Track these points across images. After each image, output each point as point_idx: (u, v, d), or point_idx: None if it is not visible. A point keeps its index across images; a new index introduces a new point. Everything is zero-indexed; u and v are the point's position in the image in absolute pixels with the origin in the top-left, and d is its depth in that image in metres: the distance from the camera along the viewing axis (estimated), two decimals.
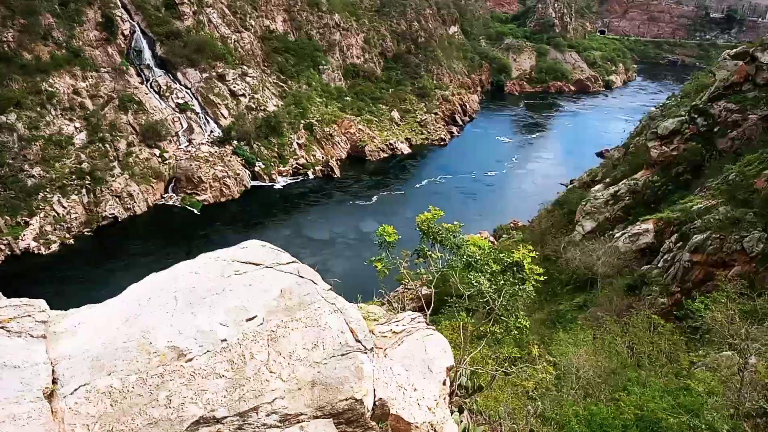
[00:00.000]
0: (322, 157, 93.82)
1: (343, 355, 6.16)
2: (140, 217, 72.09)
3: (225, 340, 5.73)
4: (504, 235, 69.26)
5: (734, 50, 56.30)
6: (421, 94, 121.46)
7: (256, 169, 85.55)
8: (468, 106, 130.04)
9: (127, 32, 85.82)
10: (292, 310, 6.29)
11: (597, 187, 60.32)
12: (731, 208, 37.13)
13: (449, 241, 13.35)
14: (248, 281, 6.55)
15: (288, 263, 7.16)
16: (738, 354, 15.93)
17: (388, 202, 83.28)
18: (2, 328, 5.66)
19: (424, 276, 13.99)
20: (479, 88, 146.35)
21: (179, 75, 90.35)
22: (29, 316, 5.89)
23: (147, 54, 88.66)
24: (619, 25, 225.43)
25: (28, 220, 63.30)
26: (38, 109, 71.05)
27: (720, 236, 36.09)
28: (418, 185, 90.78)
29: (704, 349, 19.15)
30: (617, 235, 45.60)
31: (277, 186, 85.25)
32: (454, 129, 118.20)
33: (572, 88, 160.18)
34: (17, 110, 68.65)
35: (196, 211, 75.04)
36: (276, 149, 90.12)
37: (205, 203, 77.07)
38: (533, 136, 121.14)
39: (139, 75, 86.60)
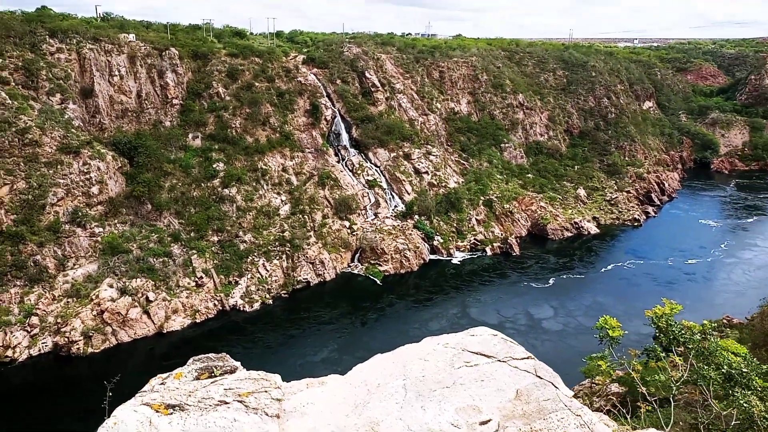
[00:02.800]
0: (501, 234, 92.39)
1: None
2: (328, 283, 77.33)
3: None
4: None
5: None
6: (610, 171, 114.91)
7: (435, 243, 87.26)
8: (666, 185, 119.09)
9: (329, 118, 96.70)
10: (530, 417, 5.57)
11: None
12: None
13: (694, 344, 11.20)
14: (480, 376, 6.12)
15: (523, 359, 6.64)
16: None
17: (565, 286, 77.70)
18: (241, 402, 5.79)
19: (659, 382, 11.77)
20: (680, 166, 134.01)
21: (370, 154, 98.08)
22: (266, 391, 6.02)
23: (344, 136, 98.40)
24: None
25: (237, 280, 71.86)
26: (254, 183, 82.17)
27: None
28: (603, 269, 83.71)
29: None
30: None
31: (454, 261, 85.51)
32: (650, 209, 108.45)
33: None
34: (238, 185, 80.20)
35: (377, 281, 78.26)
36: (455, 224, 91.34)
37: (386, 273, 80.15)
38: (748, 220, 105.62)
39: (336, 155, 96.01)
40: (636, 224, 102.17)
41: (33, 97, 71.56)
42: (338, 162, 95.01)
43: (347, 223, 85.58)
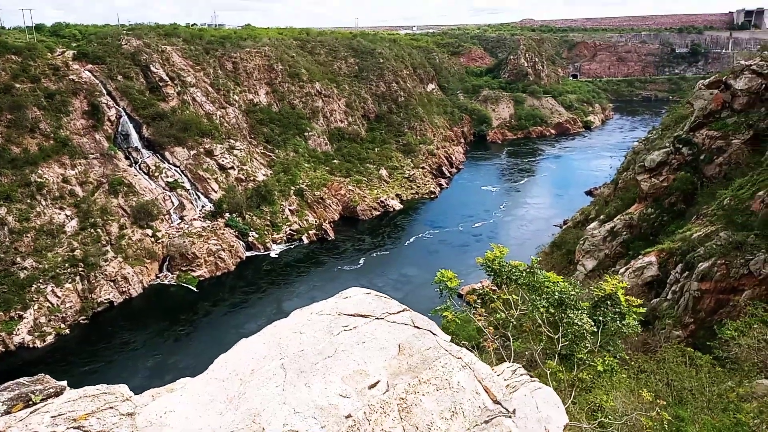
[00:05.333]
0: (315, 221, 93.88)
1: (486, 422, 5.40)
2: (135, 299, 70.80)
3: (350, 416, 4.93)
4: (501, 296, 68.25)
5: (708, 80, 57.99)
6: (406, 150, 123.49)
7: (250, 239, 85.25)
8: (454, 158, 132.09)
9: (113, 118, 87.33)
10: (416, 369, 5.53)
11: (592, 225, 60.34)
12: (731, 232, 37.02)
13: (526, 280, 12.14)
14: (361, 338, 5.90)
15: (399, 312, 6.54)
16: None
17: (375, 264, 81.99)
18: (79, 428, 4.75)
19: (500, 320, 12.66)
20: (463, 140, 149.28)
21: (167, 154, 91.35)
22: (111, 408, 5.11)
23: (134, 137, 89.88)
24: (590, 68, 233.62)
25: (21, 313, 61.92)
26: (28, 200, 71.06)
27: (725, 262, 35.79)
28: (407, 243, 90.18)
29: (734, 379, 18.39)
30: (621, 270, 45.14)
31: (272, 254, 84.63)
32: (443, 181, 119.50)
33: (552, 131, 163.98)
34: (7, 204, 68.58)
35: (192, 288, 73.92)
36: (268, 217, 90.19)
37: (201, 278, 76.11)
38: (520, 182, 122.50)
39: (127, 158, 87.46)
40: (433, 196, 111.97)
41: None
42: (131, 166, 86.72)
43: (150, 231, 78.98)
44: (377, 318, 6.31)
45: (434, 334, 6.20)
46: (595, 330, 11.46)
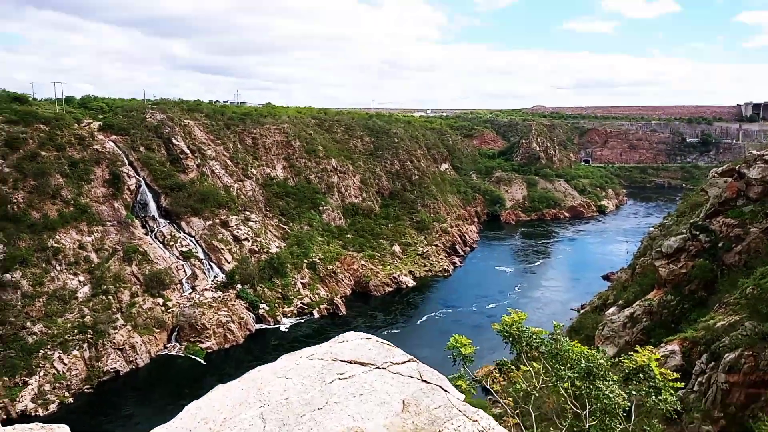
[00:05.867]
0: (327, 295, 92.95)
1: None
2: (142, 369, 69.18)
3: None
4: (522, 366, 65.87)
5: (721, 169, 58.49)
6: (420, 227, 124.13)
7: (261, 311, 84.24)
8: (468, 237, 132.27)
9: (133, 187, 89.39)
10: (423, 430, 4.77)
11: (611, 310, 58.95)
12: (757, 322, 35.85)
13: (549, 347, 11.19)
14: (358, 389, 5.13)
15: (404, 362, 5.88)
16: None
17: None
18: None
19: (520, 393, 11.62)
20: (476, 219, 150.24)
21: (183, 224, 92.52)
22: None
23: (152, 206, 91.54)
24: (602, 154, 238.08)
25: (27, 379, 60.55)
26: (43, 265, 71.45)
27: (752, 353, 34.39)
28: (419, 321, 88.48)
29: None
30: None
31: (282, 328, 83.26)
32: (457, 259, 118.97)
33: (566, 214, 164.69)
34: (23, 267, 68.95)
35: (200, 360, 72.26)
36: (280, 290, 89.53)
37: (209, 350, 74.57)
38: (535, 264, 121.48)
39: (144, 226, 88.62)
40: (446, 274, 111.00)
41: None
42: (146, 234, 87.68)
43: (161, 300, 78.47)
44: (378, 367, 5.61)
45: (445, 390, 5.47)
46: (629, 405, 10.49)
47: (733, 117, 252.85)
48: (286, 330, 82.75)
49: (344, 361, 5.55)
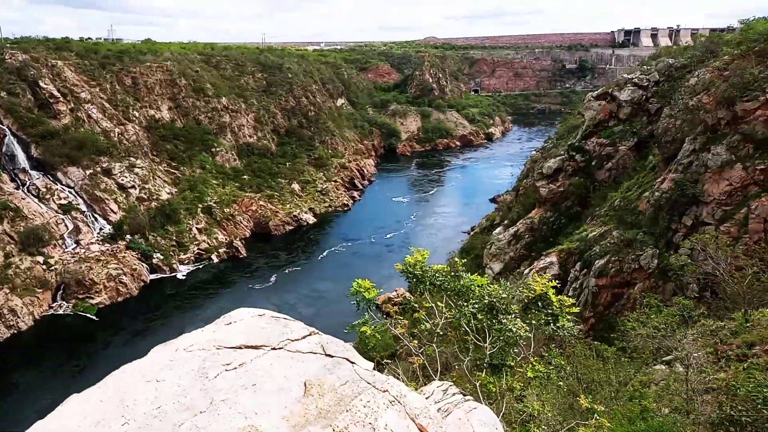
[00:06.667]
0: (225, 239, 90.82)
1: None
2: (25, 333, 64.63)
3: None
4: (425, 304, 69.17)
5: (596, 93, 62.86)
6: (318, 164, 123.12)
7: (155, 261, 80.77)
8: (366, 171, 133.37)
9: None
10: (330, 414, 4.05)
11: (497, 230, 63.10)
12: (622, 231, 40.13)
13: (451, 285, 11.06)
14: (250, 379, 4.31)
15: (305, 337, 5.06)
16: (679, 364, 16.61)
17: (287, 281, 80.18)
18: None
19: (425, 332, 11.37)
20: (374, 153, 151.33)
21: (60, 175, 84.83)
22: None
23: (21, 157, 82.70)
24: (490, 83, 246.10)
25: None
26: None
27: (618, 258, 38.68)
28: (320, 257, 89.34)
29: (635, 367, 19.83)
30: (525, 271, 47.48)
31: (179, 276, 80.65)
32: (356, 194, 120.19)
33: (458, 143, 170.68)
34: None
35: (91, 316, 68.70)
36: (174, 238, 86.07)
37: (101, 306, 70.90)
38: (429, 192, 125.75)
39: (13, 180, 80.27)
40: (346, 209, 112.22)
41: None
42: (17, 188, 79.64)
43: (41, 258, 72.69)
44: (274, 348, 4.76)
45: (352, 362, 4.78)
46: (530, 335, 10.64)
47: (608, 43, 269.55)
48: (184, 278, 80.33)
49: (232, 348, 4.74)
